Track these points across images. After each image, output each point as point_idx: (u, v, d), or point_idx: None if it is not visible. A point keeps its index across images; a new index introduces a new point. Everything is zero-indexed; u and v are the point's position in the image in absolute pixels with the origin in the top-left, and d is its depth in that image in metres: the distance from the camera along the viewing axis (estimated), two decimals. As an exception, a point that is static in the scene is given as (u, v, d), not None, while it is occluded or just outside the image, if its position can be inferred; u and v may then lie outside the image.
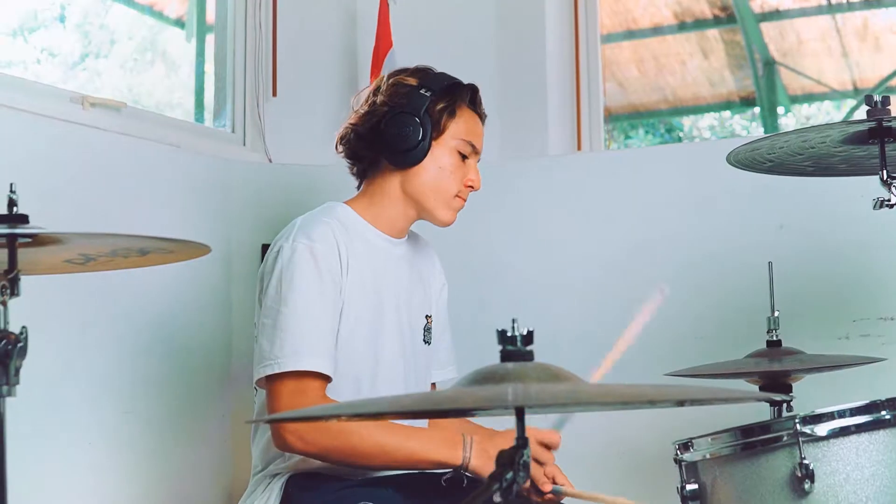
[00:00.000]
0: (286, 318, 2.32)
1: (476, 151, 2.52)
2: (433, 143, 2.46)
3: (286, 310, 2.33)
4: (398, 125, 2.45)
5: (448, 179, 2.48)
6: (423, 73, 2.52)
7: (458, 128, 2.48)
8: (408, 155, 2.45)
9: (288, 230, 2.43)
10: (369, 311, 2.44)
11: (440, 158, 2.47)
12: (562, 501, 2.42)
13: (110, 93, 3.25)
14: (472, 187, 2.51)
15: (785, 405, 2.47)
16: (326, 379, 2.34)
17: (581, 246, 3.43)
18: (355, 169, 2.56)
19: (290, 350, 2.31)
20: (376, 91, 2.50)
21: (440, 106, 2.46)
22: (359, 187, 2.58)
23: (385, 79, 2.51)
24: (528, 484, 2.42)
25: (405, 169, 2.47)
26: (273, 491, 2.38)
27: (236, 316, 3.17)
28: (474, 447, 2.31)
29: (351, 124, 2.52)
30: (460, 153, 2.49)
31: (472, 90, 2.54)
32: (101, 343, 2.82)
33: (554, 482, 2.42)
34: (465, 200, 2.52)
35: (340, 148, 2.55)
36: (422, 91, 2.46)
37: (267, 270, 2.41)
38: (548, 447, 2.34)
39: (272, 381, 2.33)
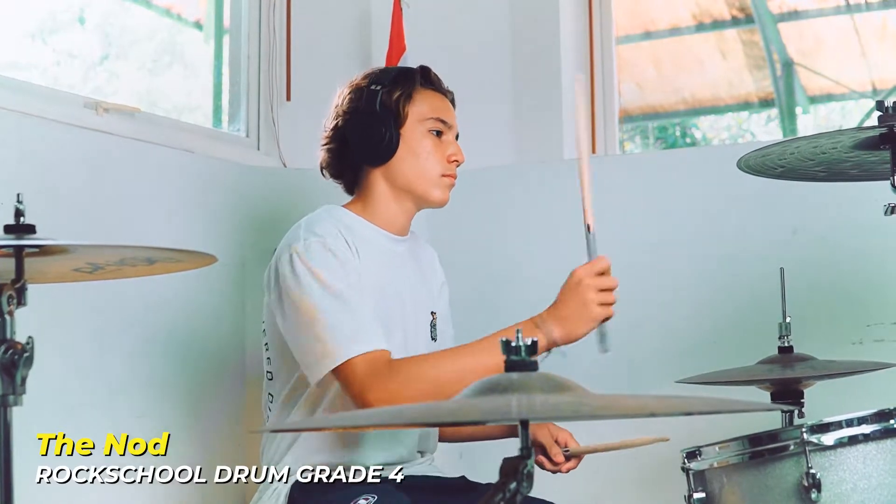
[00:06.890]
0: (330, 311, 2.32)
1: (449, 126, 2.53)
2: (400, 131, 2.48)
3: (325, 303, 2.32)
4: (360, 126, 2.47)
5: (428, 161, 2.49)
6: (373, 72, 2.56)
7: (421, 109, 2.50)
8: (379, 150, 2.47)
9: (294, 232, 2.44)
10: (375, 308, 2.42)
11: (413, 144, 2.49)
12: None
13: (129, 95, 3.26)
14: (456, 161, 2.52)
15: (797, 412, 2.47)
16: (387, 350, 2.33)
17: (595, 249, 3.42)
18: (344, 185, 2.59)
19: (346, 338, 2.30)
20: (336, 105, 2.53)
21: (396, 95, 2.48)
22: None
23: (342, 91, 2.54)
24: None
25: (384, 164, 2.48)
26: (280, 495, 2.39)
27: (250, 320, 3.17)
28: (548, 321, 2.31)
29: (323, 145, 2.56)
30: (433, 132, 2.50)
31: (423, 70, 2.56)
32: (115, 349, 2.83)
33: (566, 447, 2.46)
34: (454, 177, 2.53)
35: (325, 173, 2.59)
36: (372, 87, 2.49)
37: (283, 273, 2.39)
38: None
39: (340, 371, 2.31)
